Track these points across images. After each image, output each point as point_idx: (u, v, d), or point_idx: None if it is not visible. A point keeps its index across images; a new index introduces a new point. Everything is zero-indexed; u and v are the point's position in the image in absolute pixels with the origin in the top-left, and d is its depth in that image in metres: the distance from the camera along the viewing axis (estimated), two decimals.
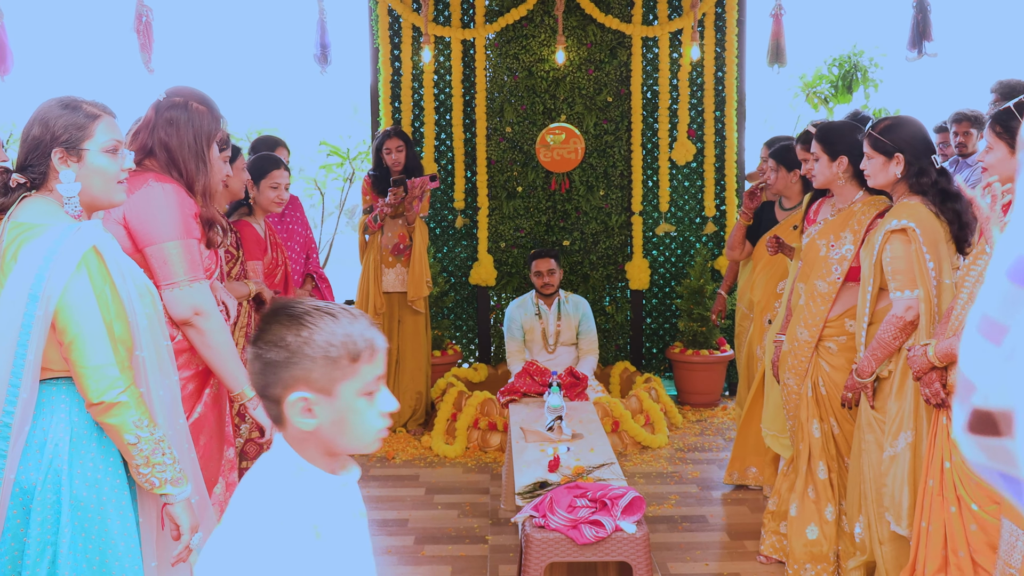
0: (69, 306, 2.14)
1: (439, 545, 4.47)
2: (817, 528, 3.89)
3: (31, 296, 2.11)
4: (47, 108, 2.27)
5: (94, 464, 2.23)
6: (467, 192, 7.25)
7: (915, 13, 6.34)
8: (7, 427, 2.14)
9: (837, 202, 4.01)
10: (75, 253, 2.14)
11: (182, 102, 2.91)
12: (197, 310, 2.79)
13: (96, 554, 2.21)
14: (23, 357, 2.12)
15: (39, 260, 2.13)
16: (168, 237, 2.75)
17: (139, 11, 5.89)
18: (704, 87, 7.23)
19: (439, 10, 7.10)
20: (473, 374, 6.94)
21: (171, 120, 2.88)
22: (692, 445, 6.01)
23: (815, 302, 3.91)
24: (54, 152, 2.23)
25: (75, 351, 2.14)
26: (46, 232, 2.18)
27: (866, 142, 3.51)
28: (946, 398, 3.06)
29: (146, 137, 2.90)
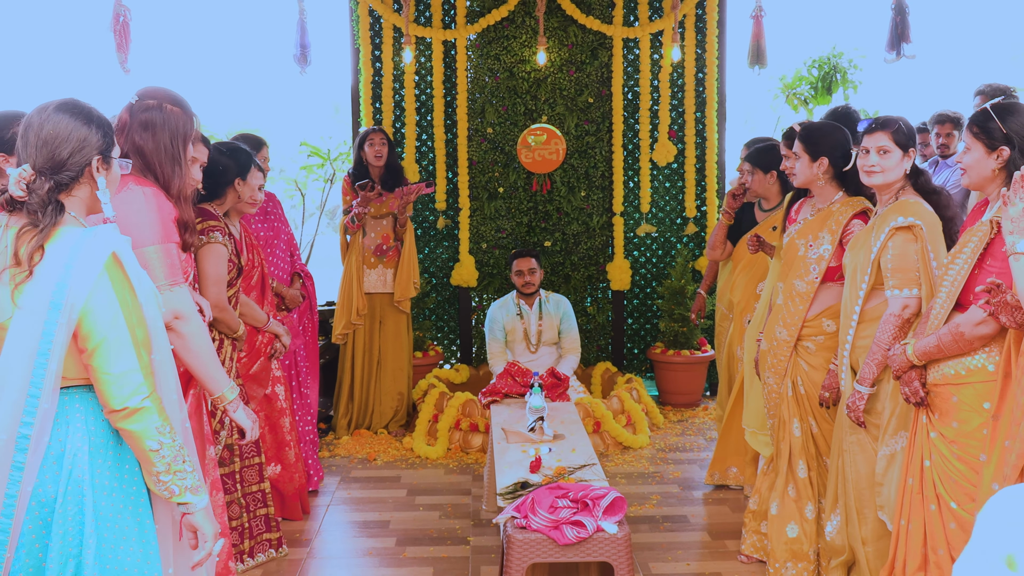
0: (93, 313, 2.11)
1: (421, 546, 4.46)
2: (797, 526, 3.91)
3: (52, 304, 2.08)
4: (73, 114, 2.23)
5: (111, 473, 2.21)
6: (448, 193, 7.24)
7: (893, 15, 6.38)
8: (25, 438, 2.10)
9: (816, 202, 4.02)
10: (97, 259, 2.13)
11: (156, 104, 2.88)
12: (177, 314, 2.76)
13: (115, 564, 2.19)
14: (43, 367, 2.09)
15: (59, 268, 2.10)
16: (148, 241, 2.74)
17: (117, 11, 5.85)
18: (685, 88, 7.25)
19: (420, 11, 7.09)
20: (455, 375, 6.93)
21: (146, 123, 2.86)
22: (673, 445, 6.02)
23: (794, 301, 3.93)
24: (95, 159, 2.24)
25: (99, 357, 2.12)
26: (62, 237, 2.16)
27: (884, 134, 3.43)
28: (925, 397, 3.08)
29: (121, 141, 2.87)
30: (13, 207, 2.20)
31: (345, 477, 5.48)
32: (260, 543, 4.23)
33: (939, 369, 3.02)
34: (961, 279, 2.92)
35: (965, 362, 2.94)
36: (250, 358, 4.16)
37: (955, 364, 2.97)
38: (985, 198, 3.04)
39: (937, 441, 3.03)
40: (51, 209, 2.16)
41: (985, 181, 2.98)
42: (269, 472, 4.60)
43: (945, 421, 3.01)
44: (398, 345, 6.37)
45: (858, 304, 3.49)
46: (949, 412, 3.00)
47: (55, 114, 2.22)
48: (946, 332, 2.94)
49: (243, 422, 3.02)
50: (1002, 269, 2.76)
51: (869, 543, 3.50)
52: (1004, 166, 2.92)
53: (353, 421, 6.34)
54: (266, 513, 4.24)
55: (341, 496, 5.17)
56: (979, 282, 2.87)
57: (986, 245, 2.87)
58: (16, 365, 2.09)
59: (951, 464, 2.98)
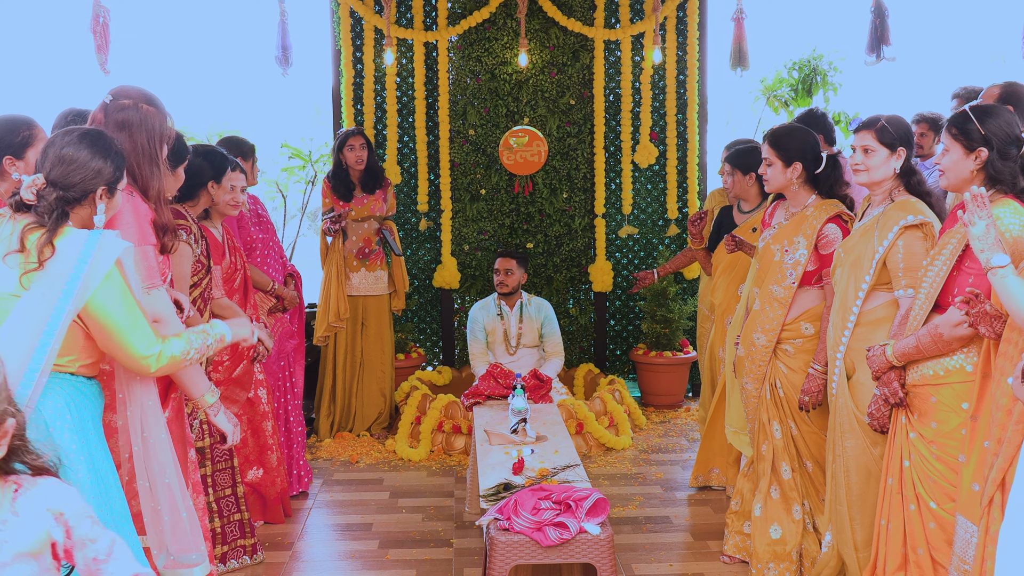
0: (103, 305, 2.41)
1: (403, 549, 4.45)
2: (781, 528, 3.92)
3: (65, 292, 2.35)
4: (98, 146, 2.55)
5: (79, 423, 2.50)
6: (430, 195, 7.23)
7: (873, 18, 6.42)
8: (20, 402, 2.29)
9: (790, 206, 4.02)
10: (109, 258, 2.41)
11: (132, 104, 2.86)
12: (156, 317, 2.75)
13: (87, 483, 2.46)
14: (47, 344, 2.34)
15: (73, 260, 2.37)
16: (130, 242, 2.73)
17: (96, 11, 5.81)
18: (666, 90, 7.27)
19: (401, 12, 7.08)
20: (437, 377, 6.92)
21: (122, 123, 2.83)
22: (656, 446, 6.03)
23: (771, 307, 3.93)
24: (100, 189, 2.53)
25: (118, 338, 2.44)
26: (69, 235, 2.43)
27: (868, 134, 3.42)
28: (904, 397, 3.09)
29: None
30: (20, 209, 2.48)
31: (327, 480, 5.47)
32: (234, 549, 4.20)
33: (918, 370, 3.04)
34: (940, 280, 2.94)
35: (944, 363, 2.96)
36: (232, 361, 4.14)
37: (934, 365, 2.99)
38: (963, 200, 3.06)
39: (916, 441, 3.05)
40: (57, 215, 2.44)
41: (963, 182, 2.99)
42: (251, 476, 4.58)
43: (924, 421, 3.03)
44: (380, 347, 6.36)
45: (856, 306, 3.43)
46: (928, 412, 3.01)
47: (78, 141, 2.52)
48: (925, 333, 2.95)
49: (224, 426, 3.02)
50: (980, 270, 2.78)
51: (861, 549, 3.43)
52: (982, 167, 2.94)
53: (335, 423, 6.32)
54: (240, 519, 4.21)
55: (323, 499, 5.16)
56: (958, 283, 2.89)
57: (964, 247, 2.89)
58: (20, 340, 2.33)
59: (930, 464, 3.00)
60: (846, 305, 3.47)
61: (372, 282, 6.33)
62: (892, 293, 3.38)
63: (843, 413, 3.45)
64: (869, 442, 3.39)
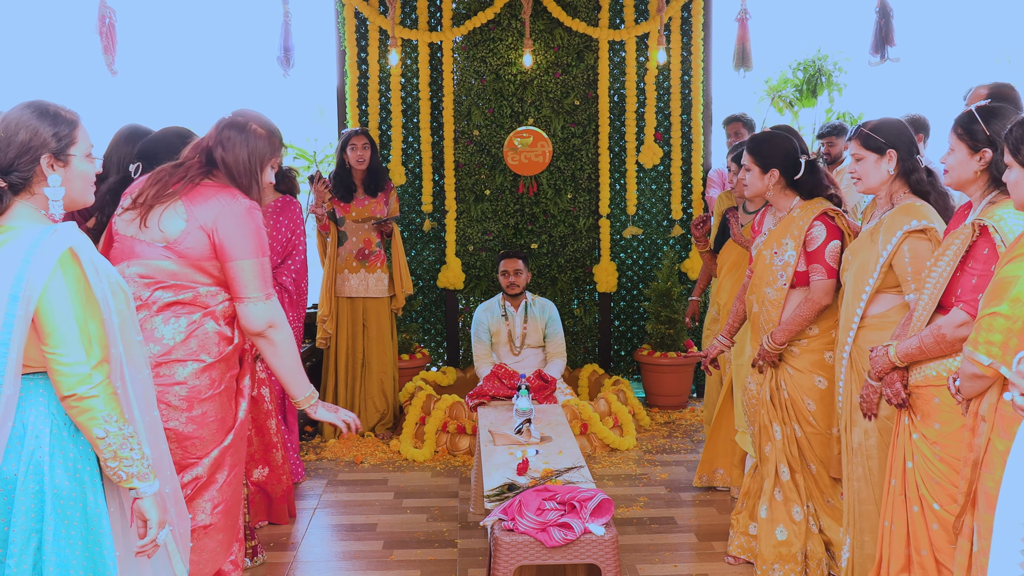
0: (47, 306, 2.23)
1: (408, 549, 4.46)
2: (786, 529, 3.92)
3: (11, 296, 2.19)
4: (26, 115, 2.34)
5: (74, 455, 2.31)
6: (435, 195, 7.24)
7: (878, 18, 6.41)
8: None
9: (776, 211, 4.07)
10: (53, 254, 2.23)
11: (242, 122, 3.05)
12: (271, 323, 3.00)
13: (80, 539, 2.29)
14: (5, 355, 2.20)
15: (18, 262, 2.22)
16: (249, 255, 2.94)
17: (102, 13, 5.83)
18: (671, 91, 7.27)
19: (406, 13, 7.08)
20: (442, 377, 6.93)
21: (227, 139, 3.02)
22: (660, 447, 6.03)
23: (767, 309, 3.97)
24: (44, 157, 2.33)
25: (51, 348, 2.24)
26: (22, 234, 2.27)
27: (855, 142, 3.47)
28: (907, 398, 3.09)
29: (204, 149, 3.03)
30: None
31: (332, 480, 5.47)
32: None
33: (921, 371, 3.04)
34: (944, 281, 2.94)
35: (947, 363, 2.95)
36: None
37: (937, 366, 2.98)
38: (968, 201, 3.06)
39: (919, 442, 3.05)
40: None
41: (967, 182, 2.99)
42: (256, 475, 4.59)
43: (927, 422, 3.03)
44: (382, 348, 6.35)
45: (860, 308, 3.45)
46: (931, 413, 3.01)
47: (3, 120, 2.36)
48: (928, 334, 2.95)
49: (327, 418, 3.20)
50: (983, 272, 2.78)
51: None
52: (986, 168, 2.94)
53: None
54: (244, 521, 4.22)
55: (328, 499, 5.16)
56: (961, 284, 2.89)
57: (968, 248, 2.89)
58: None
59: (933, 465, 2.99)
60: (850, 308, 3.50)
61: (372, 284, 6.31)
62: (901, 296, 3.40)
63: (857, 414, 3.46)
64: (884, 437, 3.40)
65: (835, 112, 8.55)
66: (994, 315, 2.36)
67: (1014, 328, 2.33)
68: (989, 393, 2.43)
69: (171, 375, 2.91)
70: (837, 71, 8.49)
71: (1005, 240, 2.72)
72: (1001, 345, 2.34)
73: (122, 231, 3.00)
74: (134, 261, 2.94)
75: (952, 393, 2.66)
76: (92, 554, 2.31)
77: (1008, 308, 2.33)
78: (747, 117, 6.53)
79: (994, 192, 2.91)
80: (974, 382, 2.46)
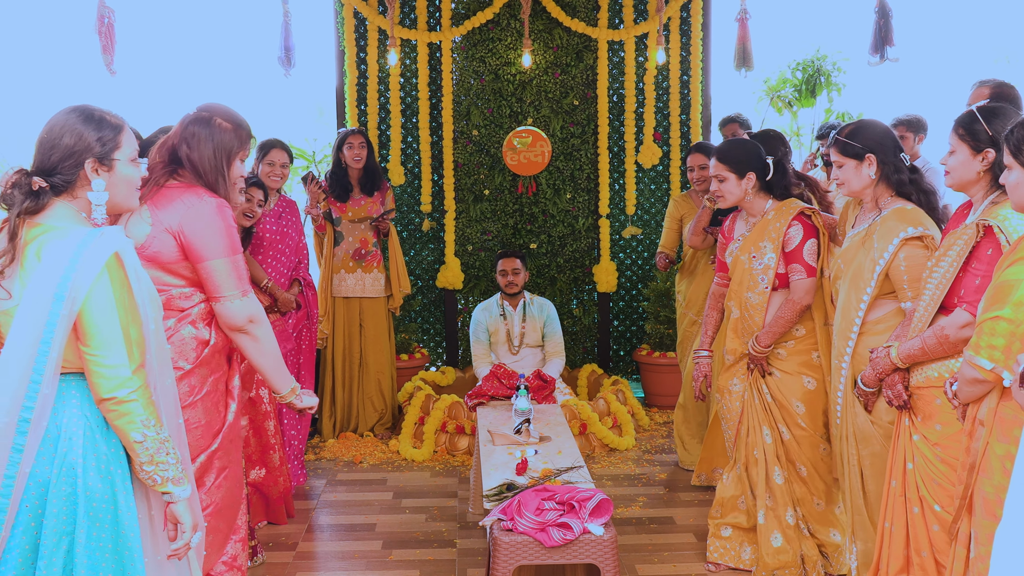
0: (91, 308, 2.24)
1: (407, 549, 4.45)
2: (780, 535, 3.91)
3: (56, 296, 2.20)
4: (72, 119, 2.37)
5: (106, 457, 2.31)
6: (434, 195, 7.24)
7: (877, 18, 6.41)
8: (26, 422, 2.20)
9: (748, 216, 4.06)
10: (100, 257, 2.24)
11: (207, 117, 3.01)
12: (251, 318, 2.98)
13: (110, 542, 2.29)
14: (46, 354, 2.20)
15: (64, 262, 2.22)
16: (221, 254, 2.91)
17: (101, 12, 5.82)
18: (670, 91, 7.27)
19: (405, 13, 7.08)
20: (440, 377, 6.92)
21: (191, 135, 2.98)
22: (659, 447, 6.03)
23: (749, 313, 3.97)
24: (88, 162, 2.35)
25: (92, 349, 2.24)
26: (69, 234, 2.28)
27: (833, 149, 3.47)
28: (908, 400, 3.08)
29: (169, 149, 3.00)
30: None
31: (331, 480, 5.47)
32: None
33: (922, 372, 3.03)
34: (946, 282, 2.92)
35: (949, 364, 2.95)
36: None
37: (938, 367, 2.98)
38: (969, 200, 3.05)
39: (920, 444, 3.04)
40: (25, 206, 2.32)
41: (969, 183, 2.98)
42: (254, 476, 4.59)
43: (928, 424, 3.02)
44: (379, 348, 6.34)
45: (859, 316, 3.41)
46: (932, 415, 3.01)
47: (49, 123, 2.38)
48: (930, 335, 2.94)
49: (311, 402, 3.22)
50: (987, 272, 2.77)
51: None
52: (989, 168, 2.92)
53: (338, 424, 6.32)
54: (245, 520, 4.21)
55: (327, 499, 5.16)
56: (964, 284, 2.87)
57: (971, 248, 2.87)
58: (19, 352, 2.20)
59: (934, 466, 2.99)
60: (848, 316, 3.45)
61: (369, 284, 6.30)
62: (898, 303, 3.37)
63: (859, 421, 3.43)
64: (883, 448, 3.36)
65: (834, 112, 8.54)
66: (996, 319, 2.34)
67: (1017, 332, 2.31)
68: (989, 398, 2.41)
69: None
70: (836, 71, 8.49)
71: (1010, 240, 2.71)
72: (1004, 349, 2.32)
73: None
74: None
75: (949, 398, 2.64)
76: (121, 557, 2.31)
77: (1011, 312, 2.31)
78: (743, 117, 6.53)
79: (996, 192, 2.90)
80: (974, 387, 2.44)
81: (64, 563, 2.25)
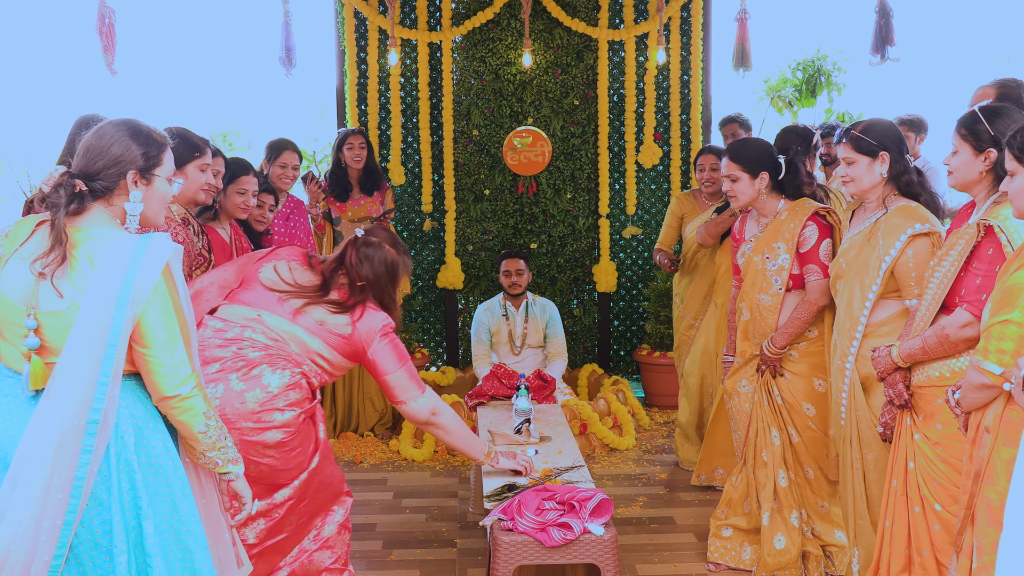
0: (151, 311, 2.33)
1: (407, 549, 4.45)
2: (784, 536, 3.91)
3: (119, 300, 2.28)
4: (121, 130, 2.45)
5: (155, 451, 2.40)
6: (434, 195, 7.24)
7: (877, 18, 6.41)
8: (95, 423, 2.27)
9: (760, 217, 4.04)
10: (158, 263, 2.34)
11: (377, 242, 3.42)
12: (434, 411, 3.44)
13: (172, 534, 2.39)
14: (112, 356, 2.28)
15: (123, 267, 2.30)
16: (399, 367, 3.35)
17: (102, 12, 5.83)
18: (670, 91, 7.27)
19: (405, 13, 7.08)
20: (441, 377, 6.92)
21: (368, 256, 3.38)
22: (660, 447, 6.03)
23: (761, 315, 3.94)
24: (131, 173, 2.43)
25: (153, 351, 2.35)
26: (117, 240, 2.36)
27: (846, 146, 3.41)
28: (909, 399, 3.08)
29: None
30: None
31: None
32: None
33: (924, 371, 3.02)
34: (948, 281, 2.91)
35: (950, 364, 2.94)
36: None
37: (940, 366, 2.97)
38: (972, 200, 3.04)
39: (921, 443, 3.04)
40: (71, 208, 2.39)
41: (971, 183, 2.97)
42: None
43: (929, 423, 3.02)
44: None
45: (864, 316, 3.39)
46: (934, 414, 3.00)
47: (99, 131, 2.47)
48: (931, 334, 2.94)
49: (508, 465, 3.71)
50: (987, 272, 2.77)
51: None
52: (991, 168, 2.91)
53: (338, 424, 6.32)
54: None
55: None
56: (965, 284, 2.87)
57: (972, 248, 2.87)
58: (85, 356, 2.27)
59: (935, 466, 2.98)
60: (852, 315, 3.43)
61: None
62: (901, 302, 3.35)
63: (863, 425, 3.42)
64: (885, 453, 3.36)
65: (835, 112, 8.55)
66: (1006, 323, 2.31)
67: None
68: (995, 404, 2.38)
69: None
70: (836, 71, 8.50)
71: (1011, 240, 2.69)
72: (1013, 354, 2.29)
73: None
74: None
75: (951, 407, 2.61)
76: (185, 543, 2.41)
77: (1020, 315, 2.28)
78: (743, 117, 6.53)
79: (999, 192, 2.89)
80: (981, 392, 2.40)
81: (133, 555, 2.34)
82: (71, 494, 2.26)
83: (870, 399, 3.41)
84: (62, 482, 2.24)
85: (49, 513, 2.24)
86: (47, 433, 2.24)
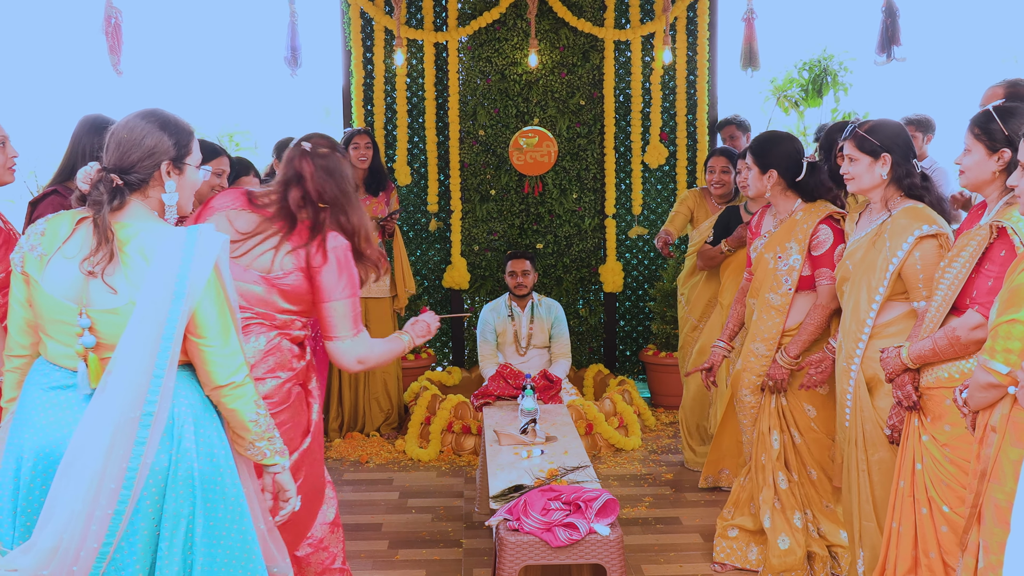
0: (206, 302, 2.36)
1: (413, 549, 4.46)
2: (788, 537, 3.90)
3: (176, 293, 2.30)
4: (149, 121, 2.46)
5: (210, 440, 2.43)
6: (440, 195, 7.24)
7: (884, 17, 6.40)
8: (150, 415, 2.29)
9: (777, 213, 4.03)
10: (211, 256, 2.36)
11: (330, 152, 3.10)
12: (360, 359, 3.13)
13: (220, 523, 2.41)
14: (168, 349, 2.30)
15: (177, 260, 2.32)
16: (340, 296, 3.03)
17: (108, 13, 5.84)
18: (676, 91, 7.27)
19: (411, 13, 7.09)
20: (447, 377, 6.93)
21: (329, 170, 3.07)
22: (666, 447, 6.02)
23: (769, 315, 3.93)
24: (164, 163, 2.45)
25: (208, 340, 2.37)
26: (163, 233, 2.38)
27: (850, 143, 3.39)
28: (917, 400, 3.07)
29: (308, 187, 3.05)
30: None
31: (337, 480, 5.47)
32: None
33: (933, 372, 3.01)
34: (959, 283, 2.89)
35: (960, 365, 2.93)
36: None
37: (949, 367, 2.96)
38: (983, 201, 3.02)
39: (929, 444, 3.03)
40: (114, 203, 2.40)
41: (984, 183, 2.94)
42: None
43: (937, 424, 3.01)
44: None
45: (870, 317, 3.37)
46: (942, 415, 2.99)
47: (128, 123, 2.47)
48: (942, 336, 2.92)
49: (428, 322, 3.60)
50: (999, 274, 2.74)
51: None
52: (1004, 168, 2.89)
53: (344, 424, 6.33)
54: None
55: None
56: (976, 286, 2.85)
57: (984, 249, 2.84)
58: (140, 349, 2.29)
59: (943, 467, 2.97)
60: (858, 317, 3.41)
61: (373, 284, 6.29)
62: (908, 304, 3.34)
63: (869, 426, 3.41)
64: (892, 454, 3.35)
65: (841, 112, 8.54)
66: (1013, 322, 2.30)
67: None
68: (1002, 403, 2.37)
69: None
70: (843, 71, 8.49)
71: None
72: (1020, 353, 2.29)
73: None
74: None
75: (959, 406, 2.60)
76: (229, 532, 2.42)
77: None
78: (740, 119, 6.52)
79: (1011, 193, 2.86)
80: (988, 392, 2.40)
81: (184, 543, 2.36)
82: (123, 485, 2.27)
83: (875, 400, 3.40)
84: (115, 473, 2.26)
85: (101, 503, 2.25)
86: (102, 427, 2.26)
